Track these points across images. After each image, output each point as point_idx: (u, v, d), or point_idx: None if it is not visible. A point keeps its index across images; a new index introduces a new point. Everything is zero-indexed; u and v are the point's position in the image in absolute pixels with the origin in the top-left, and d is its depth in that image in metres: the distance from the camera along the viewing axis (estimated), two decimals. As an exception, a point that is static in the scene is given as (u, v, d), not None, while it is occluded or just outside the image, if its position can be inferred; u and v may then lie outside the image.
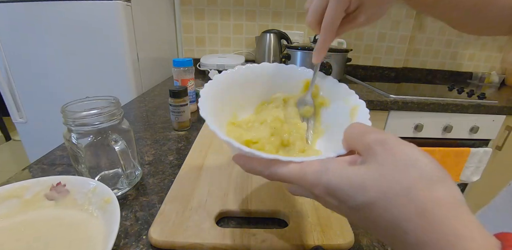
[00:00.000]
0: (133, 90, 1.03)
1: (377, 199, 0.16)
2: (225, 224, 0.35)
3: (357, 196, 0.17)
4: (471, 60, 1.66)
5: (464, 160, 1.12)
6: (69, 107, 0.37)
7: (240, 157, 0.23)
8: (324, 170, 0.19)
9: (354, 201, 0.17)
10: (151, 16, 1.17)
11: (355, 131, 0.21)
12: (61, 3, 0.90)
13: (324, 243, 0.31)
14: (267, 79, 0.36)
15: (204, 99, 0.27)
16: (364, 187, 0.17)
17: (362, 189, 0.17)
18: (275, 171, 0.21)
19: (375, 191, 0.16)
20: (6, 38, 0.96)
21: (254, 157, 0.21)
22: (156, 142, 0.59)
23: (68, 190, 0.35)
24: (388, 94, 1.08)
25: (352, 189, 0.17)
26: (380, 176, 0.17)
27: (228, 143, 0.22)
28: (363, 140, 0.19)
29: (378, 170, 0.17)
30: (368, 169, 0.17)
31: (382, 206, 0.16)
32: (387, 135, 0.19)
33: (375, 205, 0.16)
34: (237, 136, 0.28)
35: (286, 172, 0.20)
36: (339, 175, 0.18)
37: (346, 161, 0.20)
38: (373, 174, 0.17)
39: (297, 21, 1.50)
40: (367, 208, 0.17)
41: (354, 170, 0.18)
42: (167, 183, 0.44)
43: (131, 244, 0.32)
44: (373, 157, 0.18)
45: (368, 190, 0.17)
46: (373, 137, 0.19)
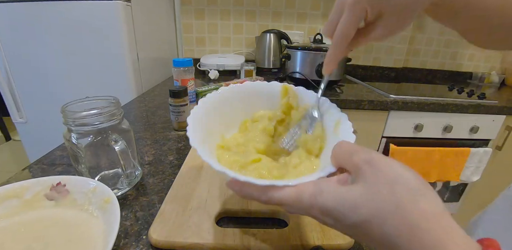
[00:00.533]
0: (133, 90, 1.03)
1: (370, 217, 0.18)
2: (225, 224, 0.35)
3: (351, 215, 0.18)
4: (471, 60, 1.67)
5: (464, 160, 1.12)
6: (69, 107, 0.37)
7: (235, 183, 0.23)
8: (319, 192, 0.20)
9: (349, 219, 0.18)
10: (151, 16, 1.17)
11: (343, 150, 0.22)
12: (61, 3, 0.90)
13: (324, 243, 0.31)
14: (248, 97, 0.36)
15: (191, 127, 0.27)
16: (356, 206, 0.18)
17: (355, 209, 0.18)
18: (271, 196, 0.22)
19: (367, 210, 0.18)
20: (6, 38, 0.96)
21: (250, 184, 0.22)
22: (156, 142, 0.59)
23: (68, 190, 0.35)
24: (388, 94, 1.08)
25: (345, 209, 0.18)
26: (370, 195, 0.18)
27: (224, 173, 0.23)
28: (351, 160, 0.21)
29: (368, 189, 0.18)
30: (358, 189, 0.19)
31: (375, 223, 0.17)
32: (372, 154, 0.20)
33: (369, 223, 0.18)
34: (231, 161, 0.29)
35: (283, 196, 0.21)
36: (333, 197, 0.19)
37: (337, 181, 0.21)
38: (364, 193, 0.18)
39: (297, 21, 1.50)
40: (361, 226, 0.18)
41: (346, 190, 0.19)
42: (167, 183, 0.44)
43: (131, 244, 0.32)
44: (362, 177, 0.19)
45: (360, 210, 0.18)
46: (360, 157, 0.20)
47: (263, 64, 1.43)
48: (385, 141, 1.13)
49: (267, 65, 1.43)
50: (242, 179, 0.22)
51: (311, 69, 1.11)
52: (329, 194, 0.20)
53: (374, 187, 0.18)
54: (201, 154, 0.24)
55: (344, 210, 0.18)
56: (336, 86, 1.25)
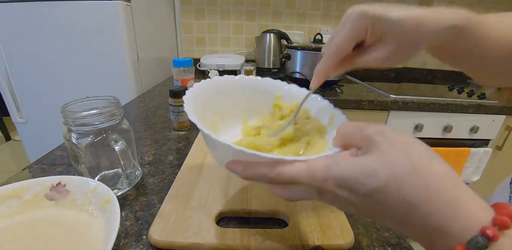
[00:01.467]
0: (133, 90, 1.03)
1: (388, 181, 0.18)
2: (225, 224, 0.35)
3: (369, 182, 0.18)
4: (471, 60, 1.66)
5: (464, 160, 1.12)
6: (69, 107, 0.37)
7: (237, 162, 0.22)
8: (334, 163, 0.20)
9: (366, 187, 0.18)
10: (151, 16, 1.17)
11: (350, 128, 0.22)
12: (61, 3, 0.90)
13: (324, 243, 0.31)
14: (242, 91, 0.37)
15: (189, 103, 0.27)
16: (374, 172, 0.18)
17: (373, 175, 0.18)
18: (280, 171, 0.20)
19: (385, 174, 0.18)
20: (6, 38, 0.96)
21: (255, 161, 0.21)
22: (156, 142, 0.59)
23: (68, 190, 0.35)
24: (388, 94, 1.08)
25: (363, 175, 0.18)
26: (386, 161, 0.18)
27: (228, 146, 0.21)
28: (362, 133, 0.21)
29: (384, 156, 0.18)
30: (373, 156, 0.19)
31: (393, 187, 0.17)
32: (384, 127, 0.20)
33: (387, 187, 0.18)
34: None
35: (294, 171, 0.20)
36: (350, 165, 0.19)
37: (349, 154, 0.21)
38: (380, 160, 0.18)
39: (297, 21, 1.50)
40: (380, 192, 0.18)
41: (362, 159, 0.19)
42: (167, 183, 0.44)
43: (131, 244, 0.32)
44: (375, 146, 0.19)
45: (378, 175, 0.18)
46: (372, 130, 0.20)
47: (263, 64, 1.43)
48: (385, 141, 1.13)
49: (267, 65, 1.43)
50: (248, 152, 0.20)
51: (311, 69, 1.11)
52: (345, 163, 0.19)
53: (389, 153, 0.18)
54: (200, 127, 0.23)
55: (362, 176, 0.18)
56: (336, 86, 1.25)
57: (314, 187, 0.20)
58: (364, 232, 0.35)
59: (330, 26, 1.51)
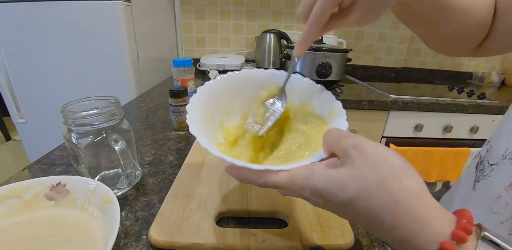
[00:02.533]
0: (133, 90, 1.03)
1: (356, 194, 0.19)
2: (225, 224, 0.35)
3: (339, 194, 0.20)
4: (471, 60, 1.67)
5: (464, 160, 1.12)
6: (69, 107, 0.37)
7: (233, 168, 0.25)
8: (310, 174, 0.22)
9: (337, 198, 0.20)
10: (151, 16, 1.17)
11: (332, 137, 0.24)
12: (61, 3, 0.90)
13: (324, 243, 0.31)
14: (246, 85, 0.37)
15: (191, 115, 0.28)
16: (344, 186, 0.20)
17: (343, 188, 0.20)
18: (267, 179, 0.23)
19: (354, 189, 0.19)
20: (6, 38, 0.96)
21: (247, 168, 0.24)
22: (156, 142, 0.59)
23: (68, 190, 0.35)
24: (388, 94, 1.08)
25: (334, 188, 0.20)
26: (356, 175, 0.20)
27: (222, 158, 0.24)
28: (339, 145, 0.22)
29: (355, 170, 0.20)
30: (346, 170, 0.20)
31: (360, 200, 0.19)
32: (358, 139, 0.22)
33: (355, 200, 0.19)
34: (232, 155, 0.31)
35: (277, 179, 0.23)
36: (323, 178, 0.21)
37: (327, 165, 0.23)
38: (351, 174, 0.20)
39: (297, 21, 1.50)
40: (349, 203, 0.20)
41: (335, 172, 0.21)
42: (167, 183, 0.44)
43: (131, 244, 0.32)
44: (349, 159, 0.21)
45: (348, 188, 0.20)
46: (348, 142, 0.22)
47: (263, 64, 1.43)
48: (385, 141, 1.13)
49: (267, 65, 1.43)
50: (239, 164, 0.24)
51: (311, 69, 1.11)
52: (319, 175, 0.21)
53: (359, 168, 0.20)
54: (200, 141, 0.25)
55: (333, 189, 0.20)
56: (336, 86, 1.25)
57: (296, 191, 0.23)
58: (364, 232, 0.35)
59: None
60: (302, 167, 0.23)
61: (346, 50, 1.16)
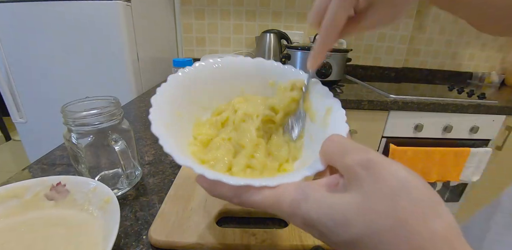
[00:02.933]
0: (133, 90, 1.03)
1: (363, 236, 0.14)
2: (225, 224, 0.35)
3: (340, 232, 0.15)
4: (471, 60, 1.67)
5: (464, 160, 1.12)
6: (69, 107, 0.37)
7: (205, 179, 0.19)
8: (303, 199, 0.17)
9: (336, 237, 0.15)
10: (151, 16, 1.17)
11: (335, 149, 0.19)
12: (61, 3, 0.90)
13: (324, 243, 0.31)
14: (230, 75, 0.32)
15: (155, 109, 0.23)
16: (347, 222, 0.15)
17: (345, 225, 0.15)
18: (246, 198, 0.18)
19: (360, 228, 0.14)
20: (6, 38, 0.96)
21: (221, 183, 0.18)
22: (156, 142, 0.59)
23: (68, 190, 0.35)
24: (388, 94, 1.08)
25: (334, 223, 0.15)
26: (365, 209, 0.15)
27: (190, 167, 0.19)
28: (344, 161, 0.17)
29: (364, 201, 0.15)
30: (352, 200, 0.15)
31: (368, 244, 0.14)
32: (370, 155, 0.16)
33: (361, 242, 0.15)
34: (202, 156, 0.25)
35: (259, 200, 0.18)
36: (320, 206, 0.16)
37: (325, 186, 0.18)
38: (358, 205, 0.15)
39: (297, 21, 1.50)
40: (352, 245, 0.15)
41: (337, 200, 0.16)
42: (167, 183, 0.44)
43: (131, 244, 0.32)
44: (357, 183, 0.16)
45: (352, 226, 0.15)
46: (355, 159, 0.16)
47: (263, 64, 1.43)
48: (385, 141, 1.13)
49: (267, 65, 1.43)
50: (211, 177, 0.18)
51: (311, 69, 1.11)
52: (315, 202, 0.16)
53: (370, 198, 0.15)
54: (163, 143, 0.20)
55: (332, 224, 0.15)
56: (336, 86, 1.25)
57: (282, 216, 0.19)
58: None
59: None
60: (293, 186, 0.18)
61: (346, 50, 1.16)
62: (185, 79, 0.29)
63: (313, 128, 0.28)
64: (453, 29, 1.56)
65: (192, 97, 0.29)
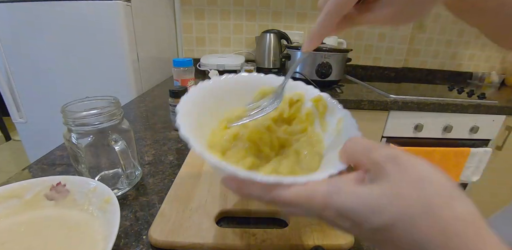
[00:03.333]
0: (133, 90, 1.03)
1: (396, 220, 0.15)
2: (225, 224, 0.35)
3: (374, 219, 0.16)
4: (471, 60, 1.67)
5: (464, 160, 1.12)
6: (69, 107, 0.37)
7: (232, 180, 0.20)
8: (336, 191, 0.18)
9: (370, 223, 0.16)
10: (151, 16, 1.17)
11: (359, 146, 0.20)
12: (61, 3, 0.90)
13: (324, 243, 0.31)
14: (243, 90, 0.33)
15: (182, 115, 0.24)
16: (380, 208, 0.16)
17: (379, 211, 0.16)
18: (278, 195, 0.19)
19: (393, 212, 0.16)
20: (6, 38, 0.96)
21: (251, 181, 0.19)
22: (156, 142, 0.59)
23: (68, 190, 0.35)
24: (388, 94, 1.08)
25: (368, 211, 0.16)
26: (395, 195, 0.16)
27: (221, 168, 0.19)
28: (370, 157, 0.18)
29: (392, 189, 0.16)
30: (382, 189, 0.17)
31: (401, 227, 0.15)
32: (396, 151, 0.18)
33: (394, 227, 0.16)
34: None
35: (290, 195, 0.18)
36: (353, 196, 0.17)
37: (353, 180, 0.19)
38: (388, 193, 0.16)
39: (297, 21, 1.50)
40: (385, 230, 0.16)
41: (368, 190, 0.17)
42: (167, 183, 0.44)
43: (131, 244, 0.32)
44: (384, 175, 0.17)
45: (384, 211, 0.16)
46: (382, 154, 0.18)
47: (263, 64, 1.43)
48: (385, 141, 1.13)
49: (267, 65, 1.43)
50: (242, 175, 0.19)
51: (311, 69, 1.11)
52: (348, 193, 0.17)
53: (400, 186, 0.16)
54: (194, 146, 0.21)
55: (366, 211, 0.16)
56: (336, 86, 1.25)
57: (313, 211, 0.18)
58: (364, 232, 0.35)
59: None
60: (323, 182, 0.19)
61: (346, 50, 1.16)
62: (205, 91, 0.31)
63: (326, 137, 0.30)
64: (453, 29, 1.56)
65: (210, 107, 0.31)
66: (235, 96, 0.33)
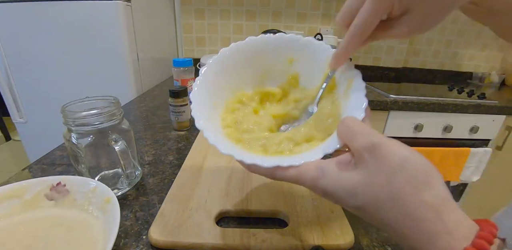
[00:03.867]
0: (133, 90, 1.03)
1: (367, 204, 0.19)
2: (225, 224, 0.35)
3: (351, 200, 0.20)
4: (471, 60, 1.67)
5: (464, 160, 1.12)
6: (69, 107, 0.37)
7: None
8: (321, 176, 0.21)
9: (349, 203, 0.20)
10: (151, 16, 1.17)
11: (346, 131, 0.22)
12: (61, 3, 0.90)
13: (324, 243, 0.31)
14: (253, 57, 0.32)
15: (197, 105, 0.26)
16: (356, 193, 0.19)
17: (354, 195, 0.19)
18: (278, 176, 0.23)
19: (365, 197, 0.19)
20: (6, 38, 0.96)
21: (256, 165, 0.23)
22: (156, 142, 0.59)
23: (68, 190, 0.35)
24: (388, 94, 1.08)
25: (346, 194, 0.20)
26: (369, 183, 0.19)
27: (230, 155, 0.23)
28: (352, 145, 0.21)
29: (368, 177, 0.19)
30: (358, 176, 0.20)
31: (372, 209, 0.19)
32: (374, 139, 0.20)
33: (366, 208, 0.19)
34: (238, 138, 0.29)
35: (288, 176, 0.23)
36: (334, 181, 0.20)
37: (340, 163, 0.22)
38: (363, 180, 0.19)
39: (297, 21, 1.50)
40: (360, 210, 0.20)
41: (346, 176, 0.20)
42: (167, 183, 0.44)
43: (131, 244, 0.32)
44: (363, 163, 0.20)
45: (359, 196, 0.19)
46: (363, 142, 0.20)
47: (263, 64, 1.43)
48: (385, 141, 1.13)
49: (267, 65, 1.43)
50: (248, 162, 0.23)
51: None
52: (331, 179, 0.21)
53: (373, 175, 0.19)
54: (208, 137, 0.24)
55: (344, 195, 0.20)
56: (336, 86, 1.24)
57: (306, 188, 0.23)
58: (364, 232, 0.35)
59: (330, 26, 1.51)
60: (313, 165, 0.22)
61: (346, 50, 1.16)
62: (214, 68, 0.30)
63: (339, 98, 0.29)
64: (453, 29, 1.56)
65: (222, 83, 0.31)
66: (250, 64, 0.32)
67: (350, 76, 0.28)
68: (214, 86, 0.30)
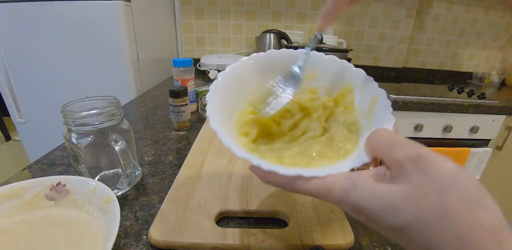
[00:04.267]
0: (133, 90, 1.03)
1: (411, 223, 0.16)
2: (225, 224, 0.35)
3: (388, 218, 0.16)
4: (471, 60, 1.67)
5: (464, 160, 1.12)
6: (69, 107, 0.37)
7: (259, 169, 0.21)
8: (352, 188, 0.18)
9: (384, 222, 0.16)
10: (151, 16, 1.17)
11: (382, 141, 0.20)
12: (61, 3, 0.90)
13: (324, 243, 0.31)
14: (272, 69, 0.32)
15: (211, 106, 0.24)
16: (396, 209, 0.16)
17: (394, 212, 0.16)
18: (297, 187, 0.20)
19: (409, 215, 0.16)
20: (6, 38, 0.96)
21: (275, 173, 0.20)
22: (156, 142, 0.59)
23: (68, 190, 0.35)
24: (388, 94, 1.08)
25: (382, 210, 0.16)
26: (413, 198, 0.16)
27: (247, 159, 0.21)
28: (392, 155, 0.18)
29: (412, 191, 0.16)
30: (400, 190, 0.16)
31: (416, 230, 0.15)
32: (420, 150, 0.17)
33: (409, 228, 0.16)
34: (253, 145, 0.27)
35: (309, 188, 0.20)
36: (368, 195, 0.17)
37: (373, 176, 0.19)
38: (406, 195, 0.16)
39: (297, 21, 1.50)
40: (398, 230, 0.16)
41: (385, 189, 0.17)
42: (167, 183, 0.44)
43: (131, 244, 0.32)
44: (405, 176, 0.17)
45: (400, 213, 0.16)
46: (405, 153, 0.17)
47: (263, 64, 1.43)
48: (385, 141, 1.13)
49: (267, 65, 1.43)
50: (266, 168, 0.20)
51: (311, 69, 1.11)
52: (364, 191, 0.17)
53: (420, 189, 0.16)
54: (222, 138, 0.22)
55: (380, 211, 0.16)
56: (336, 86, 1.24)
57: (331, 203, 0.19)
58: (364, 232, 0.35)
59: (330, 26, 1.51)
60: (341, 176, 0.19)
61: (346, 50, 1.16)
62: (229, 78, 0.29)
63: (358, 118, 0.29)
64: (453, 29, 1.56)
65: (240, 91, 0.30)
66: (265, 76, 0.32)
67: (374, 94, 0.27)
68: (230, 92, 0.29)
